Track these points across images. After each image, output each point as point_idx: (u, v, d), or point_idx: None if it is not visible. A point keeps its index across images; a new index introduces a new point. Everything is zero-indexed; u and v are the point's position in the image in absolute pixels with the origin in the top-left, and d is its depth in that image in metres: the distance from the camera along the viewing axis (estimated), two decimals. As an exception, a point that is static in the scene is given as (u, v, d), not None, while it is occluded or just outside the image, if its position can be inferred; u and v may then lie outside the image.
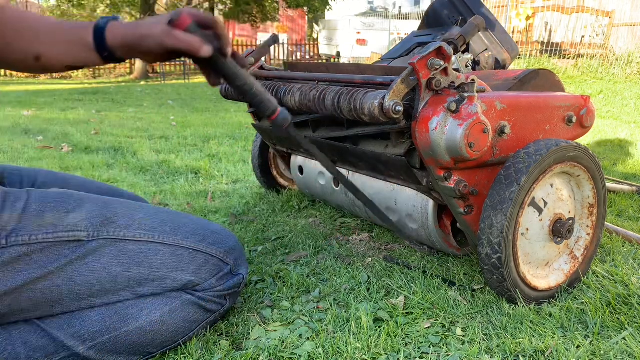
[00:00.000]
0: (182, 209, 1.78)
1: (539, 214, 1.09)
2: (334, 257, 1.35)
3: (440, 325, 1.01)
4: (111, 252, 0.85)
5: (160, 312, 0.89)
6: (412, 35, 1.82)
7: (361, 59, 12.90)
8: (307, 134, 1.38)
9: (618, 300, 1.08)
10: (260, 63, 1.56)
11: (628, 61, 6.57)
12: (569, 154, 1.07)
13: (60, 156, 2.63)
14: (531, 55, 7.44)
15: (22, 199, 0.81)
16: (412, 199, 1.24)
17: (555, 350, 0.91)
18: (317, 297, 1.13)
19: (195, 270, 0.92)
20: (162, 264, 0.89)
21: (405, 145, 1.10)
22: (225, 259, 0.96)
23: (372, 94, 0.99)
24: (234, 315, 1.06)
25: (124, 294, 0.87)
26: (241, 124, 4.08)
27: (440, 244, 1.27)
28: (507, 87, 1.33)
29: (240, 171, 2.36)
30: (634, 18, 8.08)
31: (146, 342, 0.89)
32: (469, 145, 0.96)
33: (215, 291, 0.95)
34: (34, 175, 1.06)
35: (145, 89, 8.49)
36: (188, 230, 0.94)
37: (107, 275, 0.85)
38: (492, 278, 1.04)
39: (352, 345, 0.93)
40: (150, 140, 3.21)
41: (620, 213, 1.73)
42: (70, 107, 5.34)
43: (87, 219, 0.84)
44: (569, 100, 1.19)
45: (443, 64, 0.96)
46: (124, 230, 0.87)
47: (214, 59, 0.76)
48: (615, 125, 4.12)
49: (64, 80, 11.37)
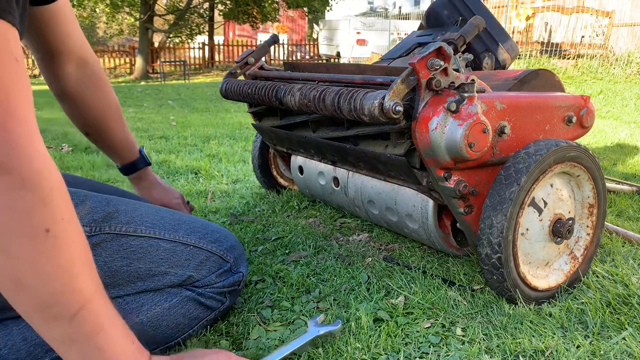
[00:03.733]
0: (182, 209, 1.78)
1: (539, 214, 1.09)
2: (334, 257, 1.35)
3: (440, 325, 1.01)
4: (112, 247, 0.85)
5: (160, 308, 0.89)
6: (412, 35, 1.82)
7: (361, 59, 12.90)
8: (307, 134, 1.38)
9: (618, 300, 1.08)
10: (260, 63, 1.56)
11: (628, 61, 6.57)
12: (568, 154, 1.07)
13: (60, 156, 2.63)
14: (531, 56, 7.45)
15: None
16: (412, 199, 1.24)
17: (555, 350, 0.91)
18: (317, 297, 1.13)
19: (196, 267, 0.92)
20: (163, 259, 0.89)
21: (405, 145, 1.10)
22: (225, 257, 0.96)
23: (372, 94, 0.99)
24: (234, 315, 1.06)
25: (124, 288, 0.87)
26: (241, 124, 4.08)
27: (440, 244, 1.27)
28: (507, 87, 1.33)
29: (240, 171, 2.36)
30: (634, 18, 8.08)
31: (146, 338, 0.89)
32: (469, 145, 0.96)
33: (215, 288, 0.95)
34: None
35: (145, 89, 8.48)
36: (188, 228, 0.95)
37: (108, 269, 0.85)
38: (492, 278, 1.04)
39: (352, 345, 0.93)
40: (150, 140, 3.21)
41: (620, 213, 1.73)
42: (70, 107, 5.33)
43: (90, 214, 0.85)
44: (569, 101, 1.19)
45: (443, 64, 0.96)
46: (125, 226, 0.87)
47: None
48: (615, 125, 4.12)
49: (64, 80, 11.35)
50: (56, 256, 0.57)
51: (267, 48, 1.56)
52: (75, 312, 0.59)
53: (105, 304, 0.64)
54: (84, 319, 0.60)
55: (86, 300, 0.60)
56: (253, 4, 14.88)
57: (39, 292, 0.57)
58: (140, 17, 13.44)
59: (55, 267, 0.57)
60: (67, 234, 0.58)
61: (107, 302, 0.64)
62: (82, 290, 0.60)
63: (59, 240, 0.57)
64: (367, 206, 1.41)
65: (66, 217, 0.59)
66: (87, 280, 0.61)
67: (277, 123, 1.50)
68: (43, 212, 0.56)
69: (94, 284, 0.62)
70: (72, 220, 0.60)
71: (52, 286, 0.57)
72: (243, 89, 1.39)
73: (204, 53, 15.99)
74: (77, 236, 0.60)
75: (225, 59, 16.75)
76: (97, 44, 17.02)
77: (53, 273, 0.57)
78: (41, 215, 0.56)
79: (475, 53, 1.67)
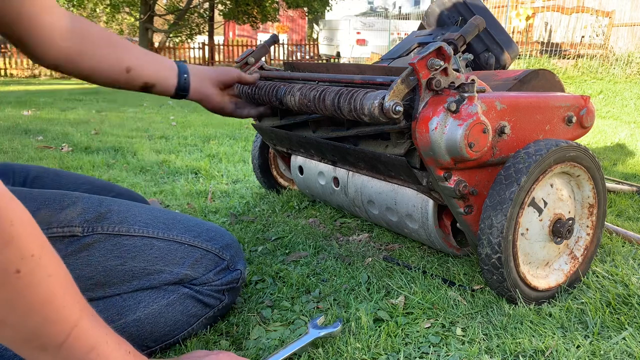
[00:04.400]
0: (182, 209, 1.78)
1: (539, 214, 1.09)
2: (334, 257, 1.35)
3: (440, 325, 1.01)
4: (105, 246, 0.85)
5: (158, 305, 0.89)
6: (412, 35, 1.82)
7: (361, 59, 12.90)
8: (307, 134, 1.38)
9: (618, 300, 1.08)
10: (260, 63, 1.56)
11: (628, 61, 6.57)
12: (568, 154, 1.07)
13: (60, 156, 2.63)
14: (531, 56, 7.45)
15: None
16: (412, 199, 1.24)
17: (555, 350, 0.91)
18: (317, 297, 1.13)
19: (192, 265, 0.92)
20: (157, 258, 0.89)
21: (405, 145, 1.10)
22: (221, 255, 0.96)
23: (372, 94, 0.99)
24: (234, 315, 1.06)
25: (120, 287, 0.88)
26: (241, 124, 4.08)
27: (440, 244, 1.27)
28: (507, 87, 1.33)
29: (240, 171, 2.36)
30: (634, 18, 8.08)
31: (144, 335, 0.89)
32: (469, 145, 0.96)
33: (213, 285, 0.95)
34: (26, 170, 1.07)
35: (145, 89, 8.46)
36: (183, 227, 0.95)
37: (102, 269, 0.85)
38: (492, 278, 1.04)
39: (352, 345, 0.93)
40: (150, 140, 3.21)
41: (620, 213, 1.73)
42: (70, 107, 5.34)
43: (82, 214, 0.85)
44: (569, 101, 1.19)
45: (443, 64, 0.96)
46: (118, 226, 0.87)
47: None
48: (615, 125, 4.12)
49: (64, 81, 11.37)
50: (33, 293, 0.54)
51: (267, 48, 1.56)
52: (63, 340, 0.58)
53: (93, 322, 0.62)
54: (73, 345, 0.59)
55: (72, 326, 0.58)
56: (253, 4, 14.88)
57: (22, 328, 0.55)
58: (140, 17, 13.44)
59: (33, 304, 0.55)
60: (40, 269, 0.55)
61: (95, 319, 0.63)
62: (66, 319, 0.58)
63: (32, 277, 0.54)
64: (367, 206, 1.41)
65: (36, 251, 0.54)
66: (70, 308, 0.58)
67: (277, 123, 1.50)
68: (7, 253, 0.51)
69: (78, 308, 0.60)
70: (44, 252, 0.56)
71: (33, 321, 0.55)
72: (243, 89, 1.39)
73: (204, 53, 15.99)
74: (52, 267, 0.57)
75: (225, 59, 16.76)
76: (97, 44, 16.97)
77: (32, 309, 0.55)
78: (6, 257, 0.51)
79: (475, 53, 1.67)
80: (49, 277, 0.56)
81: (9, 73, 12.93)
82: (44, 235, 0.57)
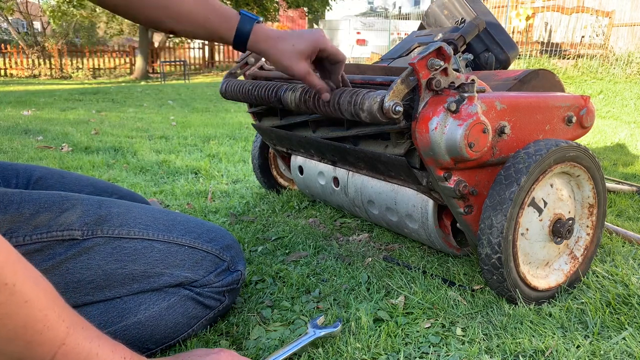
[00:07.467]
0: (182, 209, 1.78)
1: (539, 214, 1.09)
2: (334, 257, 1.35)
3: (440, 325, 1.01)
4: (105, 250, 0.85)
5: (158, 307, 0.89)
6: (412, 35, 1.82)
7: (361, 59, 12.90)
8: (307, 134, 1.38)
9: (618, 300, 1.08)
10: (260, 63, 1.56)
11: (628, 61, 6.57)
12: (568, 154, 1.07)
13: (60, 156, 2.63)
14: (531, 56, 7.44)
15: (15, 200, 0.82)
16: (412, 199, 1.24)
17: (555, 350, 0.91)
18: (317, 297, 1.13)
19: (192, 267, 0.92)
20: (157, 260, 0.89)
21: (405, 145, 1.10)
22: (221, 256, 0.96)
23: (371, 94, 0.99)
24: (234, 315, 1.06)
25: (120, 290, 0.87)
26: (241, 124, 4.08)
27: (440, 244, 1.27)
28: (507, 87, 1.33)
29: (240, 171, 2.36)
30: (634, 18, 8.08)
31: (145, 337, 0.89)
32: (469, 145, 0.96)
33: (214, 287, 0.95)
34: (30, 171, 1.06)
35: (145, 89, 8.48)
36: (183, 228, 0.94)
37: (102, 272, 0.85)
38: (492, 278, 1.04)
39: (352, 345, 0.93)
40: (150, 140, 3.21)
41: (620, 213, 1.73)
42: (70, 107, 5.34)
43: (81, 217, 0.84)
44: (569, 101, 1.19)
45: (443, 64, 0.96)
46: (118, 229, 0.87)
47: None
48: (615, 125, 4.12)
49: (64, 81, 11.37)
50: (11, 322, 0.53)
51: (267, 48, 1.56)
52: (51, 358, 0.57)
53: (83, 336, 0.61)
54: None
55: (58, 345, 0.57)
56: (253, 4, 14.88)
57: (6, 353, 0.54)
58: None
59: (14, 331, 0.53)
60: (15, 296, 0.53)
61: (85, 332, 0.61)
62: (50, 340, 0.57)
63: (8, 307, 0.52)
64: (367, 206, 1.41)
65: (9, 279, 0.52)
66: (54, 328, 0.57)
67: (277, 123, 1.50)
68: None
69: (64, 325, 0.58)
70: (17, 278, 0.54)
71: (16, 346, 0.54)
72: (243, 89, 1.39)
73: (204, 53, 15.99)
74: (28, 292, 0.55)
75: (225, 59, 16.76)
76: (97, 44, 17.01)
77: (14, 335, 0.54)
78: None
79: (475, 53, 1.67)
80: (26, 303, 0.54)
81: (9, 73, 12.93)
82: (18, 256, 0.55)
